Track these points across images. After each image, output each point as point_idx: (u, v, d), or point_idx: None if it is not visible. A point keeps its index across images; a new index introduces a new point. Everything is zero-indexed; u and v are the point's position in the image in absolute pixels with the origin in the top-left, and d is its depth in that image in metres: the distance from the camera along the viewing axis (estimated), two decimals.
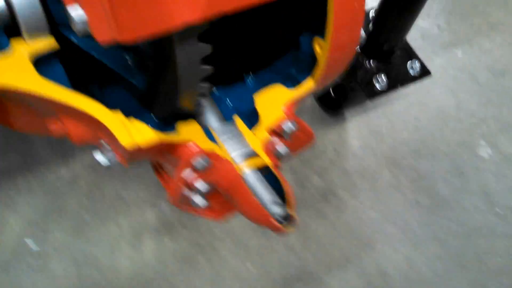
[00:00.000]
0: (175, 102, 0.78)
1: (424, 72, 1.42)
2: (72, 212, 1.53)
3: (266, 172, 0.78)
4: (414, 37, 1.89)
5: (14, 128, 0.84)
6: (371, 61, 1.39)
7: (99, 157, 0.77)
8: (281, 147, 0.83)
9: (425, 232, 1.63)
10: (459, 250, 1.62)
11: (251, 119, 0.84)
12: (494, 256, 1.62)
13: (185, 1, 0.56)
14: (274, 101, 0.80)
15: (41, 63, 0.69)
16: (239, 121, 0.85)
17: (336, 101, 1.62)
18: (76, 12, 0.55)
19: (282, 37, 0.88)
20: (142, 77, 0.81)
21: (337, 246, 1.57)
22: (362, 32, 1.32)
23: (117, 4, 0.52)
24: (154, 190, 1.56)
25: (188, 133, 0.78)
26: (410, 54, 1.43)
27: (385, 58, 1.39)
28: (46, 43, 0.70)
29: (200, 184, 0.78)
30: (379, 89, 1.37)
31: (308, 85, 0.81)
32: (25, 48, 0.68)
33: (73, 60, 0.76)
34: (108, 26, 0.53)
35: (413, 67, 1.40)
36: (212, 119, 0.89)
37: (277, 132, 0.82)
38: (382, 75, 1.37)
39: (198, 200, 0.83)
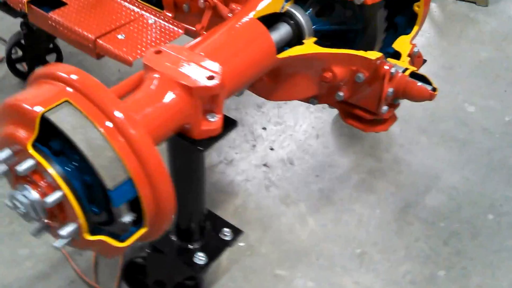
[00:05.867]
0: (376, 42, 1.56)
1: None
2: None
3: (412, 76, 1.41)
4: None
5: (289, 98, 1.57)
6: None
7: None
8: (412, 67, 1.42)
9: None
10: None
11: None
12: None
13: None
14: (404, 42, 1.51)
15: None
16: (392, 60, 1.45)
17: None
18: None
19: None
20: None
21: None
22: None
23: None
24: None
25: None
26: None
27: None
28: (312, 39, 1.49)
29: (390, 91, 1.39)
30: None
31: (415, 29, 1.57)
32: (309, 41, 1.47)
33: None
34: None
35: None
36: None
37: (410, 55, 1.49)
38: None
39: (385, 109, 1.43)
